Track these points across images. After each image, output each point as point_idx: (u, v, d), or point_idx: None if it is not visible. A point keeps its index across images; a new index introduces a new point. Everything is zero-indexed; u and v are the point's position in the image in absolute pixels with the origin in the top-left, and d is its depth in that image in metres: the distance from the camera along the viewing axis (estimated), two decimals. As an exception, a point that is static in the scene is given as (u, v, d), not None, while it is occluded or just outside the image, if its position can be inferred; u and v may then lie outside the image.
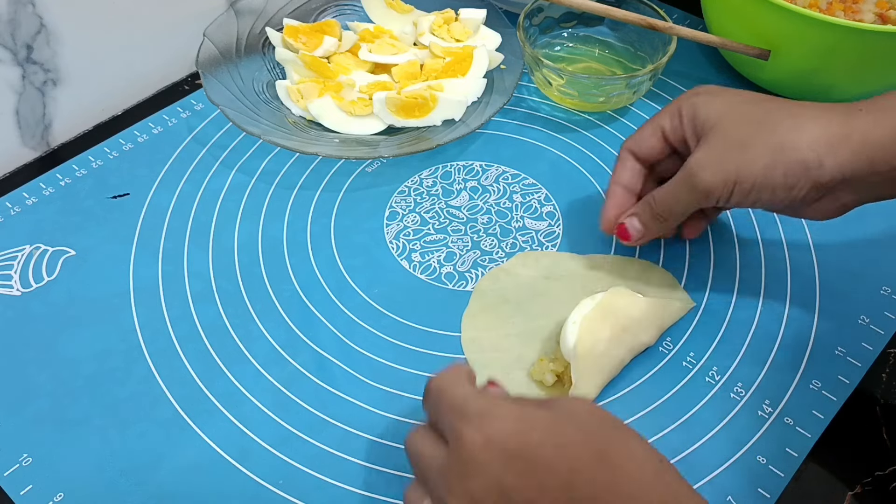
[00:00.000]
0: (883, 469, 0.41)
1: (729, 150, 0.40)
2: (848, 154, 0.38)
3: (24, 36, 0.54)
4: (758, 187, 0.40)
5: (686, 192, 0.42)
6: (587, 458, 0.29)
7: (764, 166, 0.39)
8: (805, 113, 0.40)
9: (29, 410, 0.43)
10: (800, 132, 0.39)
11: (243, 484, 0.40)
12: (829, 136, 0.38)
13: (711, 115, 0.41)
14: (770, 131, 0.39)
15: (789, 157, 0.39)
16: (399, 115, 0.55)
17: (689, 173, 0.41)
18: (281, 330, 0.46)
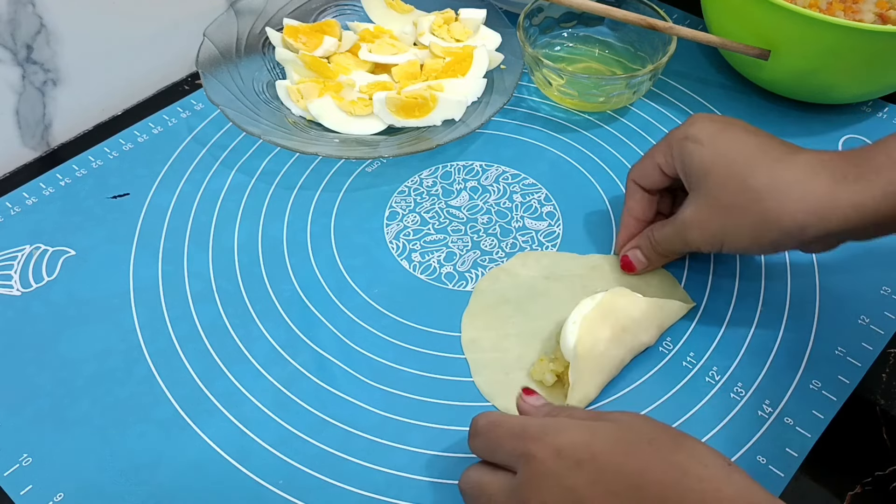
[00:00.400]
0: (883, 469, 0.41)
1: (717, 214, 0.42)
2: (834, 222, 0.39)
3: (24, 36, 0.54)
4: (743, 249, 0.43)
5: (678, 243, 0.45)
6: (654, 461, 0.31)
7: (750, 234, 0.41)
8: (792, 180, 0.40)
9: (29, 410, 0.43)
10: (784, 201, 0.39)
11: (243, 484, 0.40)
12: (815, 208, 0.39)
13: (697, 168, 0.42)
14: (756, 202, 0.40)
15: (773, 227, 0.40)
16: (399, 115, 0.55)
17: (680, 228, 0.44)
18: (281, 330, 0.46)
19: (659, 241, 0.46)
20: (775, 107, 0.61)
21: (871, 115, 0.60)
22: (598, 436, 0.32)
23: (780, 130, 0.58)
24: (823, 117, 0.60)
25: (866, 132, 0.59)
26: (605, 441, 0.31)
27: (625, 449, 0.31)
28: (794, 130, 0.59)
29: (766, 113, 0.60)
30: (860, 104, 0.61)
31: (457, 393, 0.44)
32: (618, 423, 0.33)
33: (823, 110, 0.60)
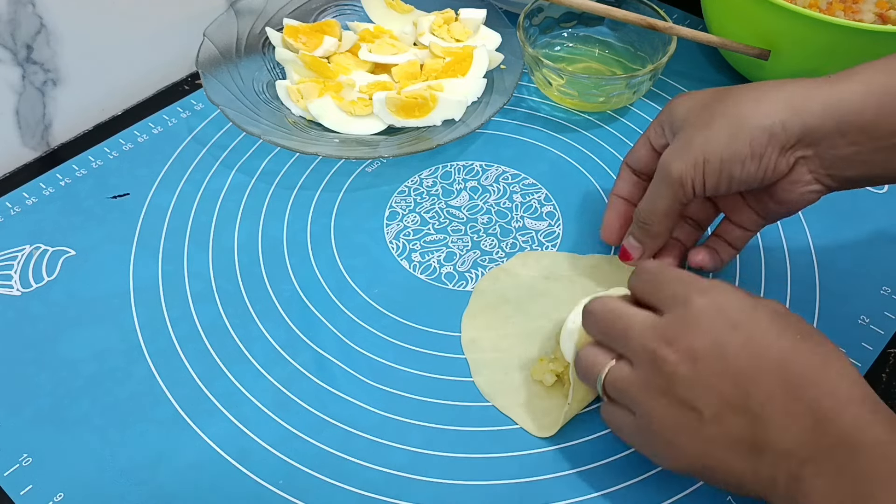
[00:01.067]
0: (883, 469, 0.41)
1: (695, 132, 0.41)
2: (812, 115, 0.38)
3: (24, 36, 0.54)
4: (726, 161, 0.40)
5: (662, 188, 0.42)
6: (802, 348, 0.33)
7: (728, 137, 0.39)
8: (768, 86, 0.41)
9: (29, 410, 0.43)
10: (761, 102, 0.40)
11: (243, 484, 0.40)
12: (792, 101, 0.39)
13: (681, 113, 0.43)
14: (732, 106, 0.40)
15: (751, 125, 0.39)
16: (399, 115, 0.55)
17: (661, 167, 0.43)
18: (281, 330, 0.46)
19: (641, 205, 0.44)
20: (775, 107, 0.61)
21: (871, 115, 0.60)
22: (759, 309, 0.34)
23: (780, 130, 0.59)
24: (823, 117, 0.60)
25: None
26: (764, 315, 0.34)
27: (779, 330, 0.33)
28: (794, 130, 0.59)
29: (766, 113, 0.60)
30: (860, 104, 0.61)
31: (457, 393, 0.44)
32: (776, 310, 0.34)
33: (823, 110, 0.60)
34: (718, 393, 0.32)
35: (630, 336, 0.35)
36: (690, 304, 0.34)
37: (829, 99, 0.38)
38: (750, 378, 0.32)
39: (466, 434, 0.42)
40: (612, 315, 0.36)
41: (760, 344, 0.33)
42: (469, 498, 0.39)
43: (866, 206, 0.54)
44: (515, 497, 0.39)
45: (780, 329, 0.33)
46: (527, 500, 0.39)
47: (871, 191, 0.55)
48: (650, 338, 0.34)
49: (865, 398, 0.32)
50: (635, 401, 0.35)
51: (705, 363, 0.33)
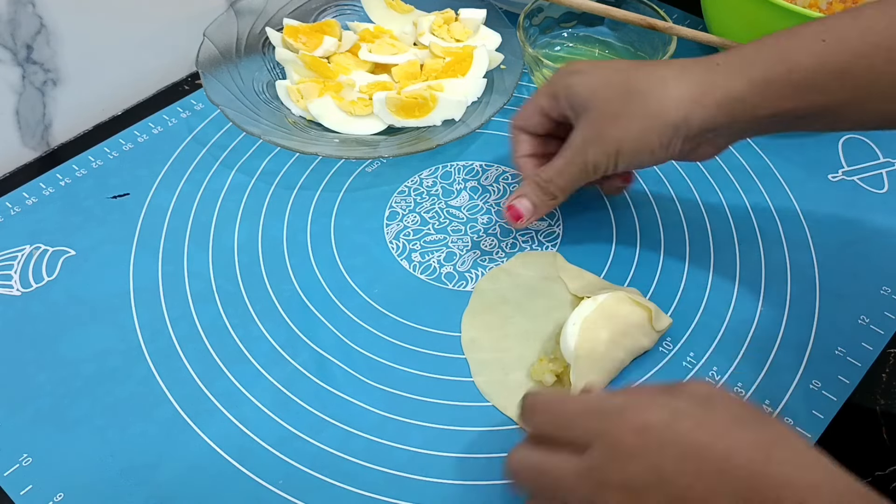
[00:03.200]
0: (883, 469, 0.41)
1: (607, 124, 0.43)
2: (711, 109, 0.41)
3: (24, 36, 0.54)
4: (638, 151, 0.43)
5: (576, 169, 0.45)
6: (740, 443, 0.29)
7: (639, 131, 0.42)
8: (668, 75, 0.42)
9: (29, 410, 0.43)
10: (665, 97, 0.42)
11: (243, 484, 0.40)
12: (692, 94, 0.41)
13: (585, 93, 0.44)
14: (640, 100, 0.42)
15: (660, 121, 0.42)
16: (399, 115, 0.55)
17: (576, 151, 0.44)
18: (281, 330, 0.46)
19: (551, 178, 0.46)
20: (775, 107, 0.61)
21: (871, 115, 0.60)
22: (682, 414, 0.31)
23: (780, 130, 0.59)
24: (823, 117, 0.60)
25: (866, 132, 0.59)
26: (690, 419, 0.30)
27: (710, 429, 0.30)
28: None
29: (766, 113, 0.60)
30: (860, 104, 0.61)
31: (457, 393, 0.44)
32: (697, 398, 0.31)
33: (823, 110, 0.60)
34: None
35: (562, 490, 0.32)
36: (611, 435, 0.31)
37: (722, 95, 0.41)
38: (699, 497, 0.29)
39: (466, 434, 0.42)
40: (535, 472, 0.33)
41: (693, 458, 0.29)
42: (469, 498, 0.39)
43: (866, 205, 0.54)
44: (515, 497, 0.39)
45: (710, 431, 0.30)
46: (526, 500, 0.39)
47: (871, 190, 0.55)
48: (583, 488, 0.31)
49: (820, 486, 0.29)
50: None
51: (647, 494, 0.30)
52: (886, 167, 0.56)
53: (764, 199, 0.54)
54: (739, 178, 0.55)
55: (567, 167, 0.45)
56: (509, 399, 0.43)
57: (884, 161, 0.57)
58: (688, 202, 0.54)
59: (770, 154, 0.57)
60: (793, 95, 0.40)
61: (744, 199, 0.54)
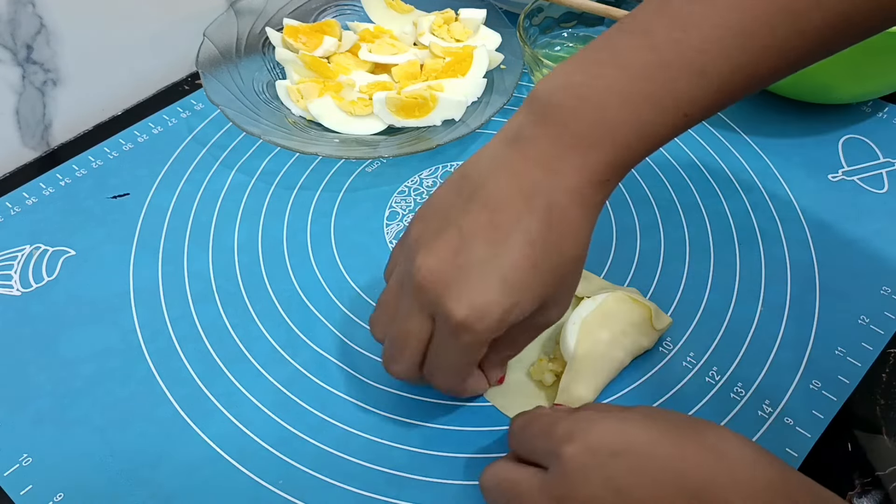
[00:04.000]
0: (883, 469, 0.41)
1: (569, 293, 0.38)
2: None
3: (24, 36, 0.54)
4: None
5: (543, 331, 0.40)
6: (689, 447, 0.30)
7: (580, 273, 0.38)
8: (571, 227, 0.35)
9: (29, 410, 0.43)
10: (583, 244, 0.36)
11: (243, 484, 0.40)
12: (592, 227, 0.36)
13: (536, 305, 0.36)
14: (576, 264, 0.36)
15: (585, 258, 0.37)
16: (399, 115, 0.55)
17: (549, 325, 0.38)
18: (281, 330, 0.46)
19: (520, 349, 0.40)
20: (775, 107, 0.61)
21: (871, 115, 0.60)
22: (630, 425, 0.31)
23: (779, 130, 0.59)
24: (823, 117, 0.60)
25: (866, 132, 0.59)
26: (639, 430, 0.31)
27: (658, 436, 0.31)
28: (793, 130, 0.59)
29: (765, 113, 0.60)
30: (860, 104, 0.61)
31: (457, 393, 0.44)
32: (643, 413, 0.33)
33: (823, 110, 0.60)
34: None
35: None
36: (563, 456, 0.31)
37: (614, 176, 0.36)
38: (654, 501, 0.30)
39: (466, 434, 0.42)
40: (504, 486, 0.34)
41: (647, 465, 0.30)
42: (469, 498, 0.39)
43: (866, 205, 0.54)
44: (515, 497, 0.39)
45: (659, 438, 0.31)
46: (527, 500, 0.39)
47: (871, 190, 0.55)
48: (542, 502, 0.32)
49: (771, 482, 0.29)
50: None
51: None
52: (886, 167, 0.56)
53: (764, 199, 0.54)
54: (739, 179, 0.55)
55: (533, 338, 0.40)
56: (508, 399, 0.43)
57: (884, 161, 0.57)
58: (688, 202, 0.54)
59: (770, 154, 0.57)
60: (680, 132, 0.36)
61: (744, 199, 0.54)
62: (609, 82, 0.34)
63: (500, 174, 0.35)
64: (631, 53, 0.34)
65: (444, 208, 0.36)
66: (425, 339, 0.37)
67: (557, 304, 0.37)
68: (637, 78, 0.34)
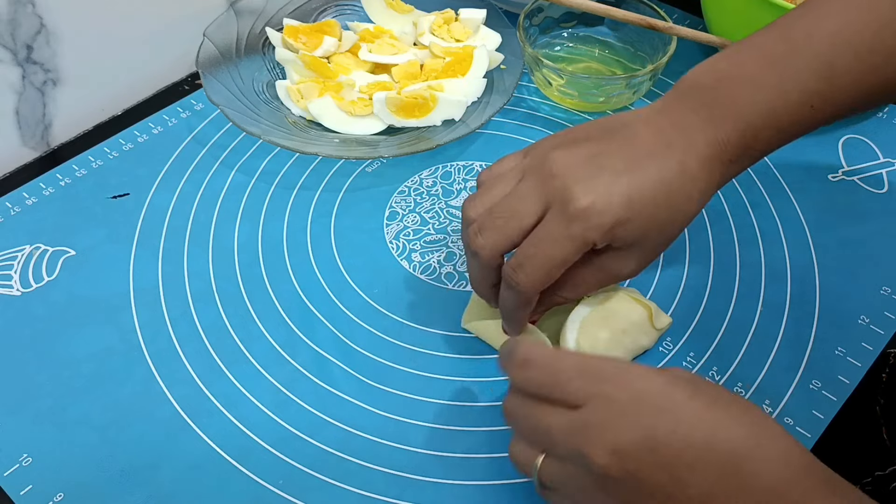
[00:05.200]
0: (883, 469, 0.41)
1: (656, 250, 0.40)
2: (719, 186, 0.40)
3: (24, 36, 0.54)
4: None
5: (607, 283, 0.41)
6: (728, 418, 0.31)
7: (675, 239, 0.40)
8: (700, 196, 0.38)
9: (29, 410, 0.43)
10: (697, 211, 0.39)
11: (243, 484, 0.40)
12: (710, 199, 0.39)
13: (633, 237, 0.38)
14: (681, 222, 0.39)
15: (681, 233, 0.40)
16: (399, 115, 0.55)
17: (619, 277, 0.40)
18: (281, 330, 0.46)
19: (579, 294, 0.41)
20: (775, 107, 0.61)
21: (871, 115, 0.60)
22: (678, 387, 0.31)
23: (780, 130, 0.59)
24: (823, 117, 0.60)
25: (866, 132, 0.59)
26: (685, 393, 0.31)
27: (703, 402, 0.31)
28: (794, 130, 0.59)
29: (766, 113, 0.60)
30: (860, 104, 0.61)
31: (457, 393, 0.43)
32: (686, 377, 0.32)
33: (823, 110, 0.60)
34: (654, 488, 0.30)
35: (554, 441, 0.32)
36: (608, 399, 0.31)
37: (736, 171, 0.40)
38: (685, 465, 0.30)
39: (466, 434, 0.42)
40: (528, 422, 0.33)
41: (687, 426, 0.30)
42: (469, 498, 0.39)
43: (866, 206, 0.54)
44: (515, 497, 0.39)
45: (704, 404, 0.31)
46: (527, 500, 0.39)
47: (871, 190, 0.55)
48: (573, 443, 0.31)
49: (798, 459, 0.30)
50: (573, 496, 0.33)
51: (636, 460, 0.30)
52: (886, 167, 0.56)
53: (764, 198, 0.54)
54: (739, 178, 0.55)
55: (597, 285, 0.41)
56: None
57: (884, 161, 0.57)
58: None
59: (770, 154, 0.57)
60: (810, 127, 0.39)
61: (744, 199, 0.54)
62: (745, 69, 0.38)
63: (643, 126, 0.38)
64: (768, 44, 0.38)
65: (583, 133, 0.39)
66: (529, 225, 0.37)
67: (643, 253, 0.39)
68: (769, 65, 0.38)
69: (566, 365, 0.33)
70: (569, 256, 0.37)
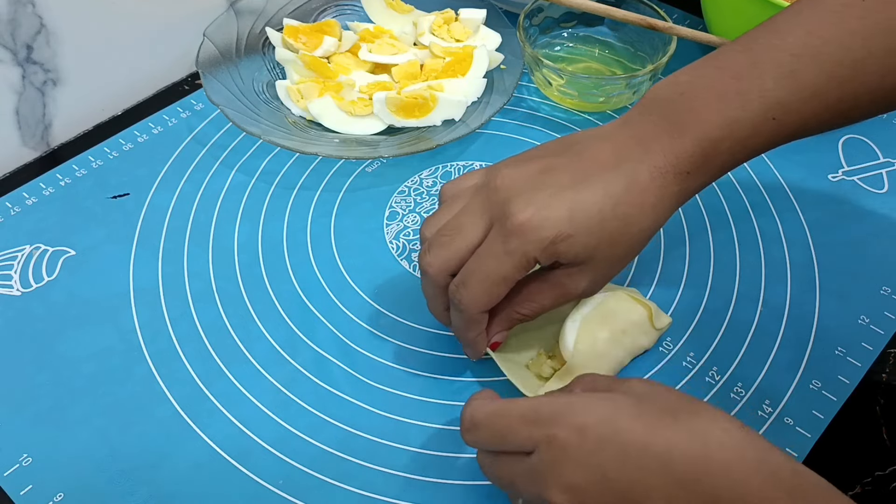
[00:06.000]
0: (883, 469, 0.41)
1: (611, 267, 0.39)
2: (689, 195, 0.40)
3: (24, 36, 0.54)
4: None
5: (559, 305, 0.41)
6: (678, 434, 0.30)
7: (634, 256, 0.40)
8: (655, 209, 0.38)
9: (29, 410, 0.43)
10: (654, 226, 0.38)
11: (243, 484, 0.40)
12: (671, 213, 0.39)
13: (582, 254, 0.37)
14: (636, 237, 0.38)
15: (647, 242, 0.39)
16: (399, 115, 0.55)
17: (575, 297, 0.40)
18: (281, 330, 0.46)
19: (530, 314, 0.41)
20: (775, 107, 0.61)
21: (871, 115, 0.60)
22: (620, 411, 0.31)
23: (780, 130, 0.59)
24: (823, 117, 0.60)
25: (866, 132, 0.59)
26: (628, 416, 0.31)
27: (648, 422, 0.30)
28: (794, 130, 0.59)
29: (766, 113, 0.60)
30: (860, 104, 0.61)
31: (456, 393, 0.43)
32: (635, 394, 0.32)
33: (823, 110, 0.60)
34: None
35: (519, 489, 0.33)
36: (551, 442, 0.31)
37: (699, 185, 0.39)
38: (642, 491, 0.30)
39: (466, 434, 0.42)
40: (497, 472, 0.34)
41: (635, 451, 0.30)
42: (469, 498, 0.39)
43: (866, 205, 0.54)
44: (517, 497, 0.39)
45: (649, 425, 0.30)
46: (527, 500, 0.39)
47: (871, 190, 0.55)
48: (534, 487, 0.32)
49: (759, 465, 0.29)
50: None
51: (591, 495, 0.30)
52: (886, 167, 0.56)
53: (764, 198, 0.54)
54: (739, 178, 0.55)
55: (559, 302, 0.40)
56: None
57: (884, 161, 0.57)
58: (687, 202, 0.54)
59: (770, 154, 0.57)
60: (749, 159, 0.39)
61: (744, 199, 0.54)
62: (707, 81, 0.37)
63: (601, 141, 0.38)
64: (731, 56, 0.38)
65: (542, 150, 0.40)
66: (474, 243, 0.38)
67: (597, 269, 0.38)
68: (731, 76, 0.37)
69: (510, 418, 0.33)
70: (509, 273, 0.37)
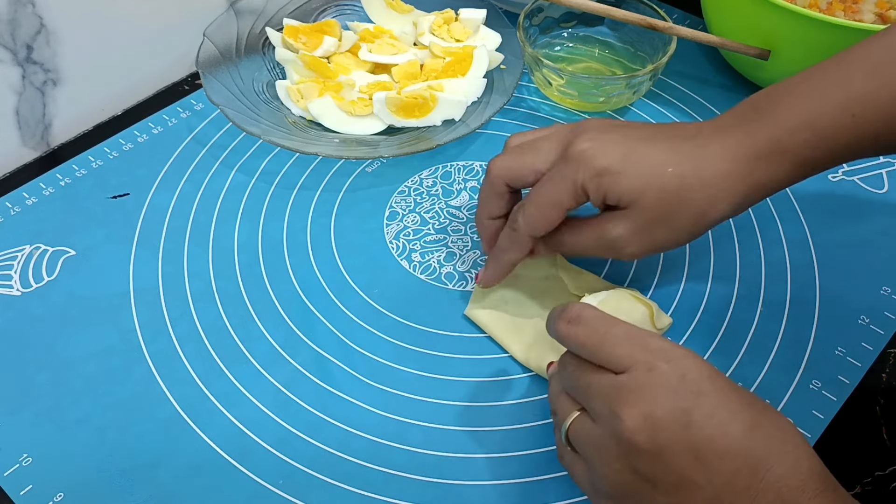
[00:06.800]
0: (883, 469, 0.41)
1: (653, 225, 0.40)
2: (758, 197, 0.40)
3: (24, 36, 0.54)
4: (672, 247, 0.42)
5: (603, 253, 0.42)
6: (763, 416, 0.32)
7: (688, 235, 0.41)
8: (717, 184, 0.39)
9: (29, 410, 0.43)
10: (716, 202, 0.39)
11: (243, 484, 0.40)
12: (743, 194, 0.39)
13: (627, 195, 0.39)
14: (691, 214, 0.39)
15: (708, 221, 0.40)
16: (399, 115, 0.55)
17: (613, 246, 0.41)
18: (281, 330, 0.46)
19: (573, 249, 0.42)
20: (775, 107, 0.61)
21: (871, 115, 0.60)
22: (721, 377, 0.32)
23: (780, 130, 0.59)
24: (823, 117, 0.60)
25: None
26: (725, 385, 0.32)
27: (741, 402, 0.31)
28: (794, 130, 0.59)
29: (766, 113, 0.60)
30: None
31: (457, 393, 0.44)
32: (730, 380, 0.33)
33: (823, 110, 0.60)
34: (677, 467, 0.30)
35: (591, 394, 0.33)
36: (652, 369, 0.31)
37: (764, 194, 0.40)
38: (714, 452, 0.30)
39: (466, 434, 0.42)
40: (576, 372, 0.34)
41: (726, 414, 0.31)
42: (469, 498, 0.39)
43: (866, 205, 0.54)
44: (515, 497, 0.39)
45: (743, 401, 0.32)
46: (526, 500, 0.39)
47: (871, 190, 0.55)
48: (611, 400, 0.32)
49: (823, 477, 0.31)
50: (592, 459, 0.33)
51: (666, 433, 0.30)
52: (886, 167, 0.56)
53: (764, 199, 0.54)
54: (739, 178, 0.55)
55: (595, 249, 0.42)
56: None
57: (884, 161, 0.57)
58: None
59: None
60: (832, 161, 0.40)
61: (744, 199, 0.54)
62: (791, 86, 0.39)
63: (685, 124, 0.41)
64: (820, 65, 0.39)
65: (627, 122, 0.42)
66: (540, 163, 0.41)
67: (636, 223, 0.39)
68: (818, 72, 0.39)
69: (615, 329, 0.34)
70: (562, 198, 0.40)
